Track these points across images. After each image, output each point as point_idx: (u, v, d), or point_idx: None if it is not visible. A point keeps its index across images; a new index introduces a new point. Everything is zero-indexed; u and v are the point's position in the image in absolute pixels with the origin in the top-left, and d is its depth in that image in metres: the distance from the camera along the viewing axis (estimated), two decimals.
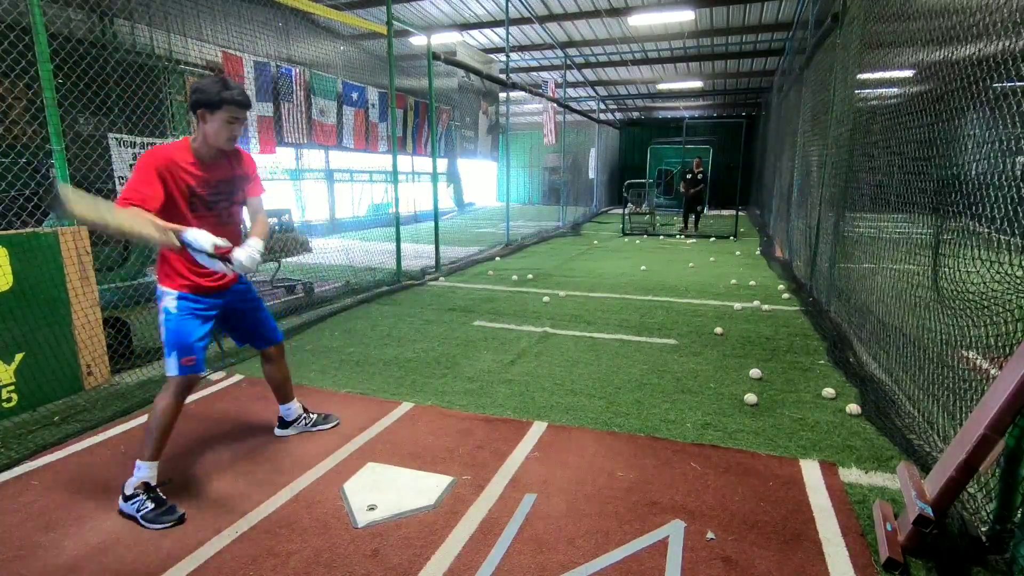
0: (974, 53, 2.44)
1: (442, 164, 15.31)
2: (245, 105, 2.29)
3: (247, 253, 2.23)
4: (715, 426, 3.02)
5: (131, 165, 5.48)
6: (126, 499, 2.25)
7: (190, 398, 3.38)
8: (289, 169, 10.82)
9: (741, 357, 4.13)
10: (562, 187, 15.31)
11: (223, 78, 2.30)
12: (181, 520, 2.21)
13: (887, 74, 3.90)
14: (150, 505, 2.21)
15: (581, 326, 4.96)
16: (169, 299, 2.34)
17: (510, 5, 10.72)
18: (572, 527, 2.17)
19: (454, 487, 2.44)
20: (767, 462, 2.65)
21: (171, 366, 2.35)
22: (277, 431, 2.94)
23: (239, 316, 2.65)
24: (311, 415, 2.99)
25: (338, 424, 3.02)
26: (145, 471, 2.27)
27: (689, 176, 12.75)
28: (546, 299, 6.00)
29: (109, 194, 5.26)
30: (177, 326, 2.34)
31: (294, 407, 2.94)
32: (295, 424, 2.94)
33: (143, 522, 2.19)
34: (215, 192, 2.37)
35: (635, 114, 25.22)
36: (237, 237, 2.50)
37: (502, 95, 13.81)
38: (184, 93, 7.01)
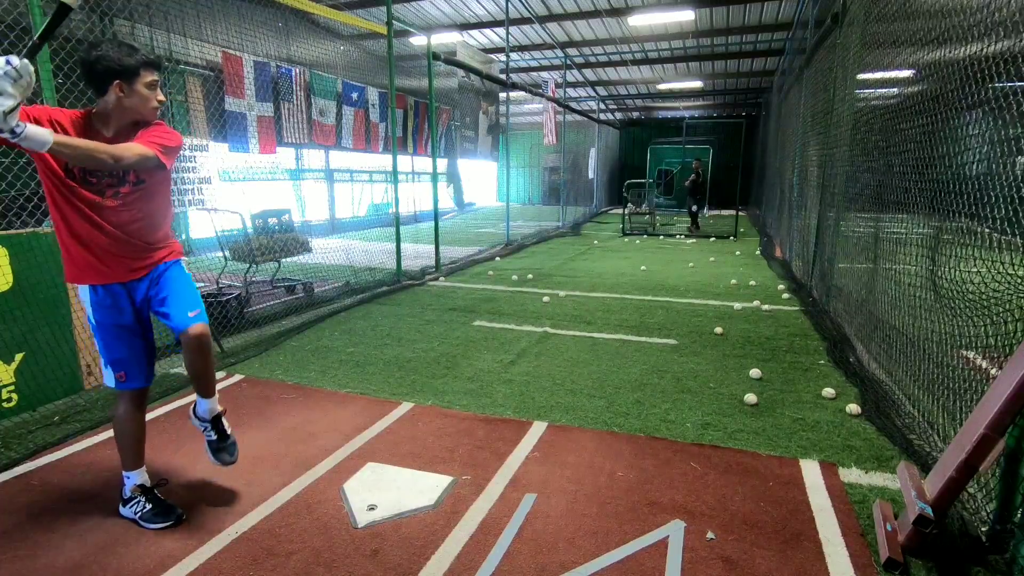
0: (973, 53, 2.44)
1: (442, 164, 15.31)
2: (160, 65, 2.08)
3: None
4: (715, 426, 3.02)
5: None
6: (125, 503, 2.25)
7: (189, 398, 3.39)
8: (289, 169, 10.82)
9: (741, 357, 4.13)
10: (562, 187, 15.32)
11: (118, 40, 2.03)
12: (180, 520, 2.20)
13: (887, 74, 3.90)
14: (148, 506, 2.21)
15: (581, 326, 4.96)
16: (84, 298, 2.11)
17: (510, 5, 10.72)
18: (572, 527, 2.17)
19: (454, 487, 2.44)
20: (767, 462, 2.65)
21: (108, 377, 2.16)
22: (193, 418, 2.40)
23: (151, 307, 2.21)
24: (212, 432, 2.33)
25: (228, 464, 2.37)
26: (135, 478, 2.25)
27: (694, 177, 13.00)
28: (546, 299, 6.00)
29: None
30: (102, 336, 2.12)
31: (203, 406, 2.31)
32: (199, 422, 2.35)
33: (142, 523, 2.19)
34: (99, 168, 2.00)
35: (635, 114, 25.23)
36: (155, 236, 2.17)
37: (502, 95, 13.80)
38: (184, 93, 7.01)
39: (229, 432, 2.38)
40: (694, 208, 13.19)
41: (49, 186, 2.00)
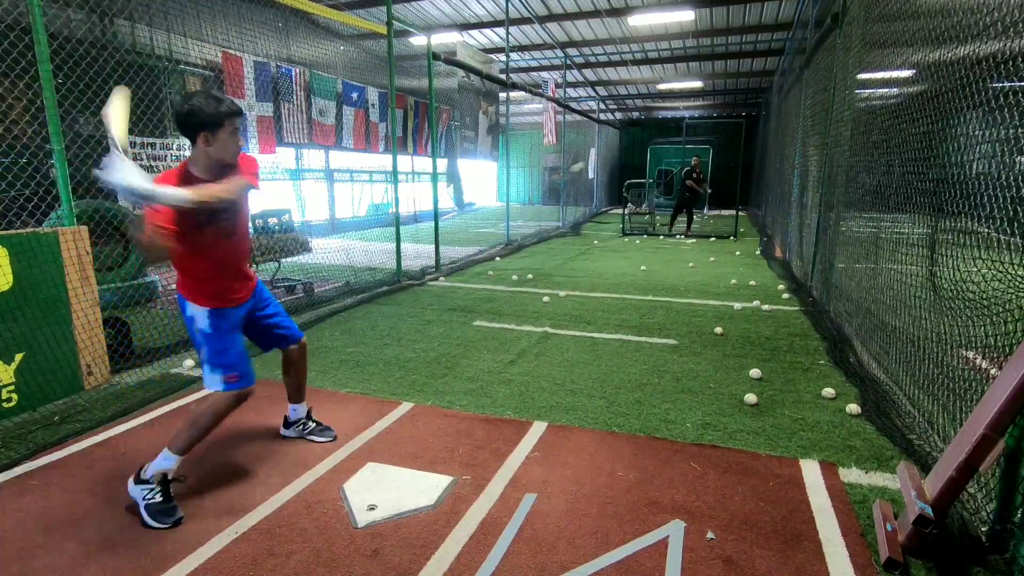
0: (973, 53, 2.44)
1: (442, 164, 15.31)
2: (241, 112, 2.30)
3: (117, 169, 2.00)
4: (715, 426, 3.02)
5: None
6: (139, 480, 2.27)
7: (190, 398, 3.40)
8: (289, 169, 10.82)
9: (741, 357, 4.13)
10: (562, 187, 15.31)
11: (207, 92, 2.29)
12: (178, 523, 2.21)
13: (887, 74, 3.90)
14: (158, 498, 2.23)
15: (581, 326, 4.96)
16: (201, 318, 2.35)
17: (510, 5, 10.72)
18: (572, 527, 2.17)
19: (454, 487, 2.44)
20: (767, 462, 2.65)
21: (213, 381, 2.36)
22: (282, 430, 2.93)
23: (257, 320, 2.64)
24: (311, 423, 2.92)
25: (332, 440, 2.88)
26: (171, 462, 2.28)
27: (694, 175, 12.72)
28: (546, 299, 6.00)
29: (109, 194, 5.26)
30: (217, 345, 2.36)
31: (300, 410, 2.90)
32: (295, 427, 2.90)
33: (144, 513, 2.20)
34: (223, 211, 2.33)
35: (635, 114, 25.23)
36: (245, 250, 2.53)
37: (502, 95, 13.80)
38: (184, 93, 7.01)
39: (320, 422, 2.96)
40: (692, 209, 13.08)
41: (188, 238, 2.20)
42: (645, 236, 12.38)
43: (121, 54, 4.83)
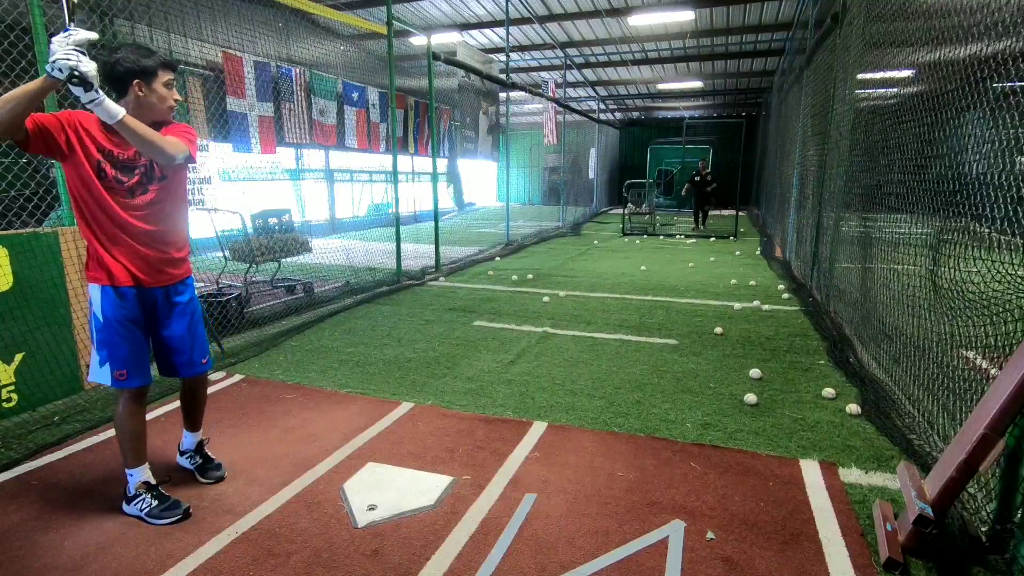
0: (973, 53, 2.44)
1: (442, 164, 15.32)
2: (176, 66, 2.14)
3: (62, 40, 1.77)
4: (715, 426, 3.02)
5: None
6: (129, 501, 2.25)
7: None
8: (289, 169, 10.82)
9: (741, 357, 4.12)
10: (562, 187, 15.31)
11: (136, 44, 2.08)
12: (187, 514, 2.22)
13: (887, 74, 3.90)
14: (154, 502, 2.22)
15: (581, 326, 4.96)
16: (95, 296, 2.12)
17: (510, 5, 10.72)
18: (572, 527, 2.17)
19: (454, 487, 2.44)
20: (767, 462, 2.65)
21: (101, 375, 2.14)
22: (178, 457, 2.61)
23: (164, 327, 2.29)
24: (198, 457, 2.53)
25: (217, 482, 2.48)
26: (138, 475, 2.26)
27: (698, 179, 12.96)
28: (546, 299, 6.00)
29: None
30: (107, 333, 2.13)
31: (189, 440, 2.55)
32: (186, 457, 2.57)
33: (149, 519, 2.19)
34: (133, 168, 2.10)
35: (635, 114, 25.23)
36: (177, 237, 2.28)
37: (502, 95, 13.81)
38: (184, 93, 7.02)
39: (213, 456, 2.59)
40: (704, 208, 13.29)
41: (80, 193, 2.05)
42: (645, 236, 12.38)
43: None
